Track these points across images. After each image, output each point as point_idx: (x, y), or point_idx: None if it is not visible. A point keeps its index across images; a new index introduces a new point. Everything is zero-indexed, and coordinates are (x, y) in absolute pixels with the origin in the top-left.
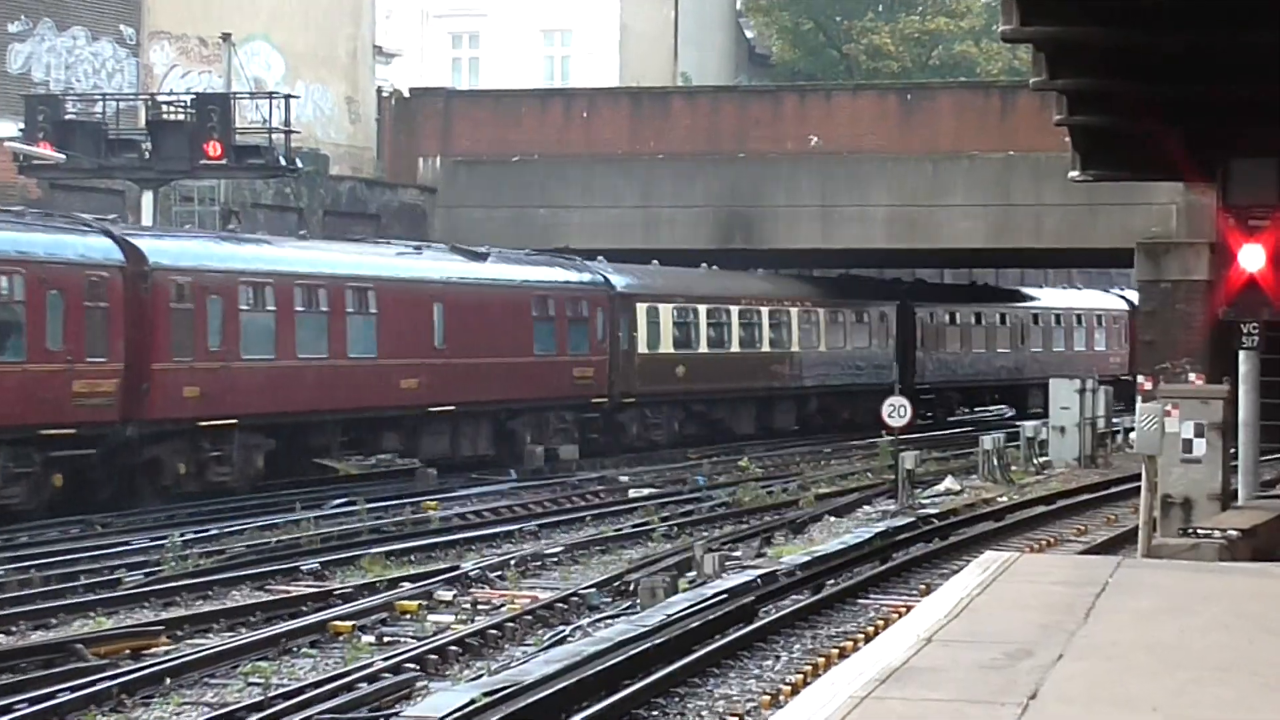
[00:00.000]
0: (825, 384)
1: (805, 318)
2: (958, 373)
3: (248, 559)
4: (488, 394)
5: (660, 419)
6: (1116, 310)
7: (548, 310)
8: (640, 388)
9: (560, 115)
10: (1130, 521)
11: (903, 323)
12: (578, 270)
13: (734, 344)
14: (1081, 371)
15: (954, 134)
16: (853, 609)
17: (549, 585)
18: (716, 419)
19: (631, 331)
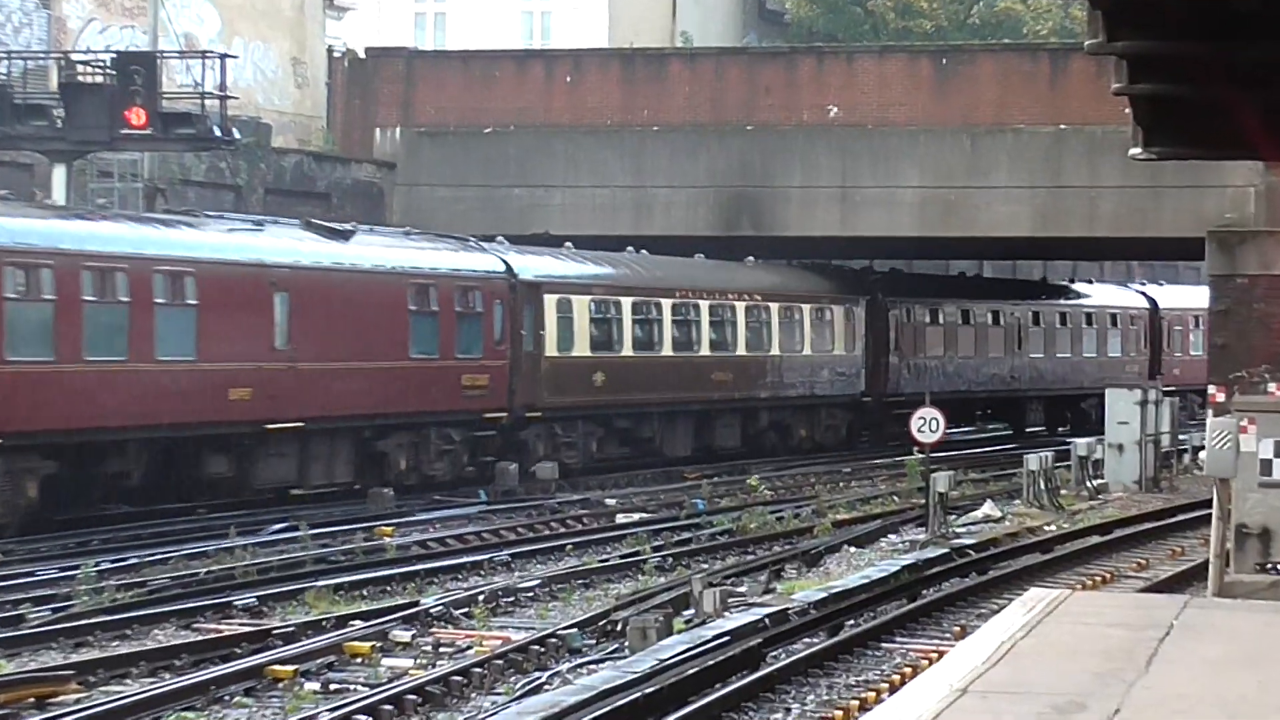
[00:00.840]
0: (779, 395)
1: (754, 314)
2: (939, 382)
3: (173, 593)
4: (347, 407)
5: (573, 438)
6: (1135, 309)
7: (429, 302)
8: (548, 399)
9: (540, 80)
10: (1199, 555)
11: (873, 322)
12: (471, 252)
13: (666, 346)
14: (1089, 382)
15: (996, 104)
16: (875, 654)
17: (523, 624)
18: (644, 438)
19: (538, 329)
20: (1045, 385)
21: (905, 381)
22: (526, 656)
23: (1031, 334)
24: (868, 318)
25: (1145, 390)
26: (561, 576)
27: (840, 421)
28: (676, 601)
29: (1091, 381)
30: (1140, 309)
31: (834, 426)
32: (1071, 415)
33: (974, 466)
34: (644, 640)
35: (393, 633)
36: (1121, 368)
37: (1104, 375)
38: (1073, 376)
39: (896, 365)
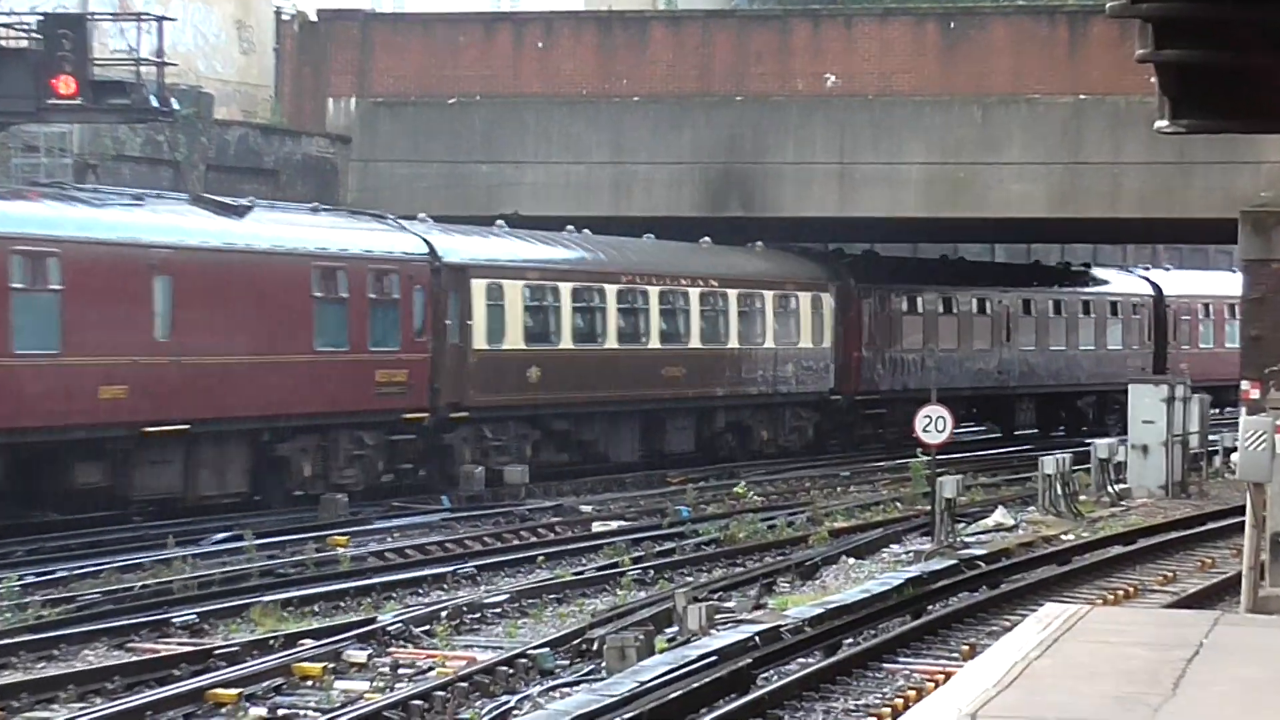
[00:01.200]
0: (738, 393)
1: (710, 302)
2: (918, 379)
3: (104, 609)
4: (240, 407)
5: (504, 441)
6: (1137, 296)
7: (337, 287)
8: (476, 397)
9: (509, 46)
10: (1231, 567)
11: (844, 310)
12: (387, 230)
13: (610, 338)
14: (1085, 377)
15: (1009, 72)
16: (876, 676)
17: (490, 643)
18: (585, 440)
19: (465, 319)
20: (1037, 381)
21: (880, 378)
22: (494, 679)
23: (1022, 324)
24: (837, 306)
25: (1172, 386)
26: (532, 590)
27: (807, 422)
28: (658, 618)
29: (1088, 377)
30: (1143, 296)
31: (800, 428)
32: (1066, 415)
33: (984, 470)
34: (622, 661)
35: (347, 652)
36: (1122, 362)
37: (1102, 370)
38: (1068, 372)
39: (870, 360)
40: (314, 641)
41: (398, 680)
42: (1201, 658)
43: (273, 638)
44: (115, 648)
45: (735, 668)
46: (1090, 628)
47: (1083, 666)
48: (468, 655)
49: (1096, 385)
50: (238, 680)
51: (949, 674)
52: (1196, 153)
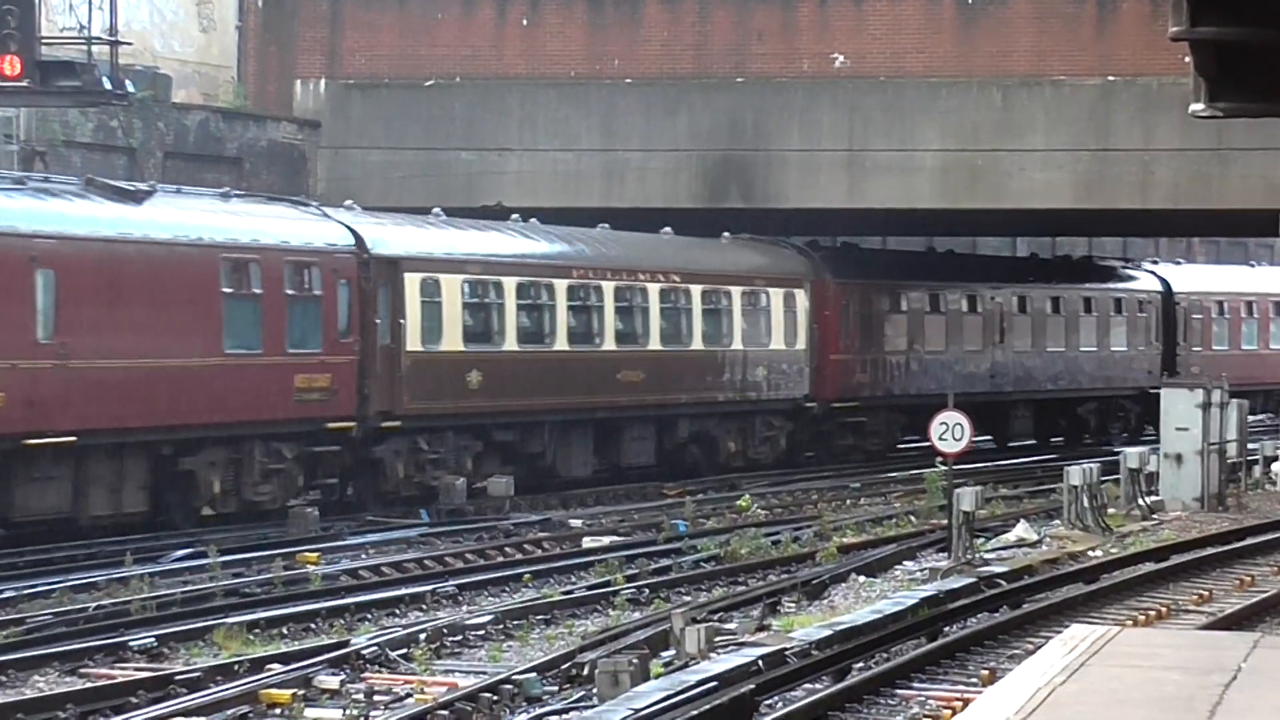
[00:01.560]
0: (702, 400)
1: (672, 299)
2: (902, 383)
3: (56, 631)
4: (138, 416)
5: (442, 453)
6: (1143, 293)
7: (249, 282)
8: (410, 405)
9: (491, 23)
10: (1271, 585)
11: (820, 309)
12: (309, 219)
13: (560, 339)
14: (1086, 382)
15: (1032, 51)
16: (889, 702)
17: (472, 668)
18: (532, 453)
19: (397, 317)
20: (1034, 386)
21: (859, 383)
22: (476, 706)
23: (1016, 323)
24: (813, 304)
25: (1209, 390)
26: (518, 611)
27: (779, 432)
28: (654, 641)
29: (1090, 381)
30: (1150, 293)
31: (771, 438)
32: (1066, 423)
33: (1005, 481)
34: (615, 686)
35: (318, 678)
36: (1127, 364)
37: (1105, 373)
38: (1067, 375)
39: (849, 363)
40: (282, 666)
41: (372, 708)
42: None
43: (238, 662)
44: (68, 673)
45: (737, 694)
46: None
47: (1111, 693)
48: (448, 681)
49: (1099, 390)
50: (200, 708)
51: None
52: (1234, 138)
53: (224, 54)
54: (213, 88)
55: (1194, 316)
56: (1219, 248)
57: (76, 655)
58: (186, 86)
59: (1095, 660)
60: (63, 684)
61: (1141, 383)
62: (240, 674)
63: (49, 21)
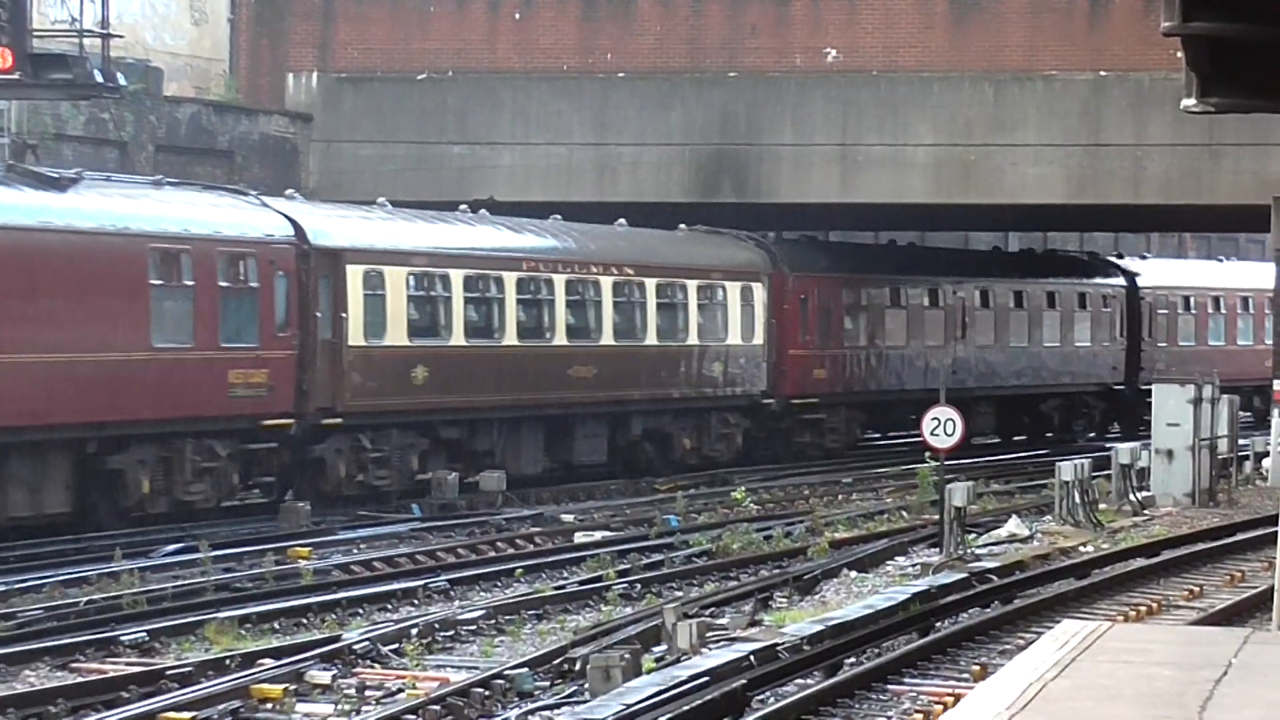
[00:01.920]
0: (657, 396)
1: (625, 293)
2: (861, 379)
3: (47, 626)
4: (59, 413)
5: (385, 451)
6: (1108, 287)
7: (180, 273)
8: (352, 401)
9: (484, 17)
10: (1262, 581)
11: (779, 303)
12: (245, 207)
13: (509, 333)
14: (1050, 378)
15: (1024, 47)
16: (880, 698)
17: (464, 663)
18: (480, 450)
19: (338, 311)
20: (996, 382)
21: (818, 379)
22: (468, 701)
23: (978, 317)
24: (771, 298)
25: (1199, 386)
26: (510, 606)
27: (735, 429)
28: (645, 636)
29: (1053, 377)
30: (1115, 287)
31: (728, 435)
32: (1029, 420)
33: (997, 476)
34: (607, 682)
35: (309, 673)
36: (1091, 360)
37: (1069, 369)
38: (1030, 371)
39: (808, 358)
40: (274, 661)
41: (364, 703)
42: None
43: (229, 657)
44: (58, 668)
45: (728, 689)
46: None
47: (1102, 688)
48: (440, 676)
49: (1063, 386)
50: (191, 703)
51: (958, 696)
52: (1226, 134)
53: (216, 47)
54: (204, 81)
55: (1159, 312)
56: (1210, 243)
57: (67, 650)
58: (178, 79)
59: (1086, 656)
60: (54, 679)
61: (1106, 379)
62: (231, 669)
63: (40, 14)
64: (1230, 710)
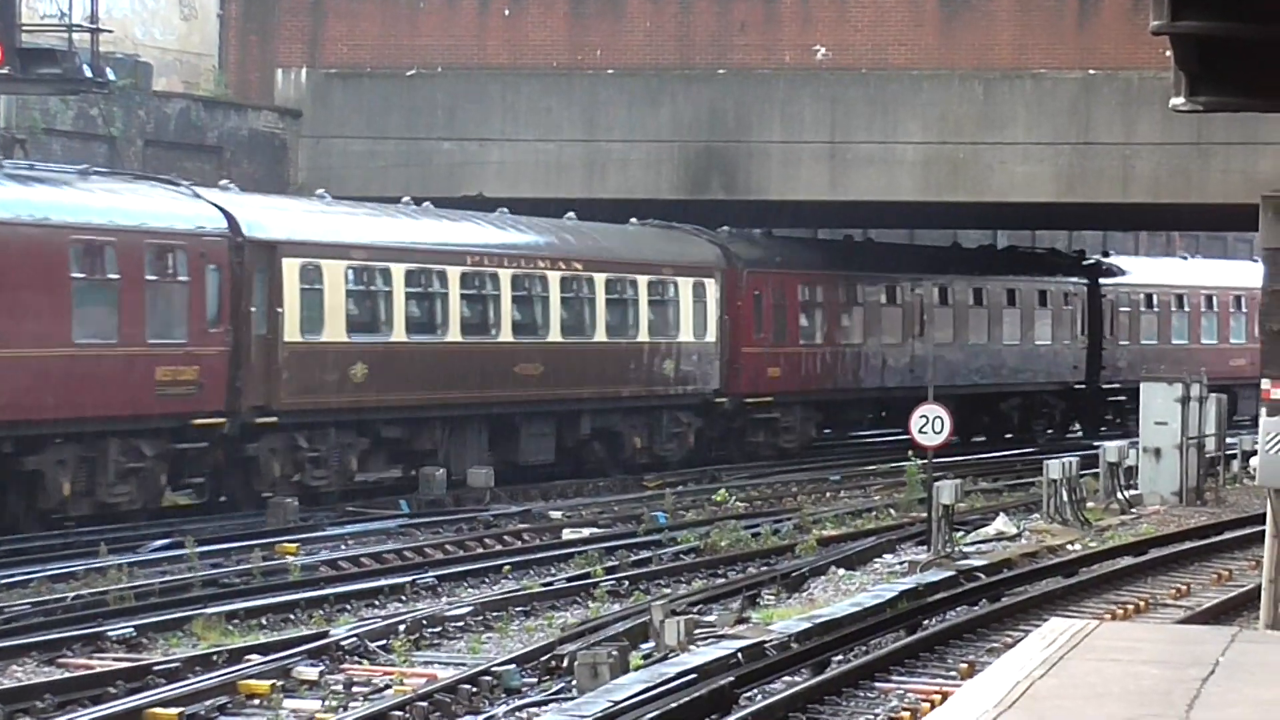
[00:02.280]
0: (607, 394)
1: (573, 288)
2: (818, 377)
3: (34, 621)
4: None
5: (323, 450)
6: (1070, 284)
7: (103, 266)
8: (287, 399)
9: (473, 13)
10: (1249, 580)
11: (732, 300)
12: (176, 198)
13: (453, 329)
14: (1010, 377)
15: (1013, 45)
16: (868, 696)
17: (451, 659)
18: (422, 450)
19: (274, 305)
20: (955, 381)
21: (773, 377)
22: (455, 698)
23: (937, 315)
24: (724, 294)
25: (1187, 384)
26: (497, 602)
27: (687, 428)
28: (633, 633)
29: (1013, 376)
30: (1076, 284)
31: (679, 434)
32: (988, 420)
33: (985, 474)
34: (595, 679)
35: (296, 669)
36: (1051, 359)
37: (1029, 368)
38: (990, 370)
39: (762, 356)
40: (261, 657)
41: (351, 699)
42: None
43: (216, 653)
44: (45, 663)
45: (716, 686)
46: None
47: (1089, 686)
48: (427, 673)
49: (1022, 385)
50: (178, 699)
51: (946, 694)
52: (1215, 133)
53: (205, 42)
54: (194, 76)
55: (1121, 309)
56: (1199, 241)
57: (54, 645)
58: (167, 75)
59: (1074, 654)
60: (41, 674)
61: (1066, 378)
62: (219, 664)
63: (29, 9)
64: (1217, 709)
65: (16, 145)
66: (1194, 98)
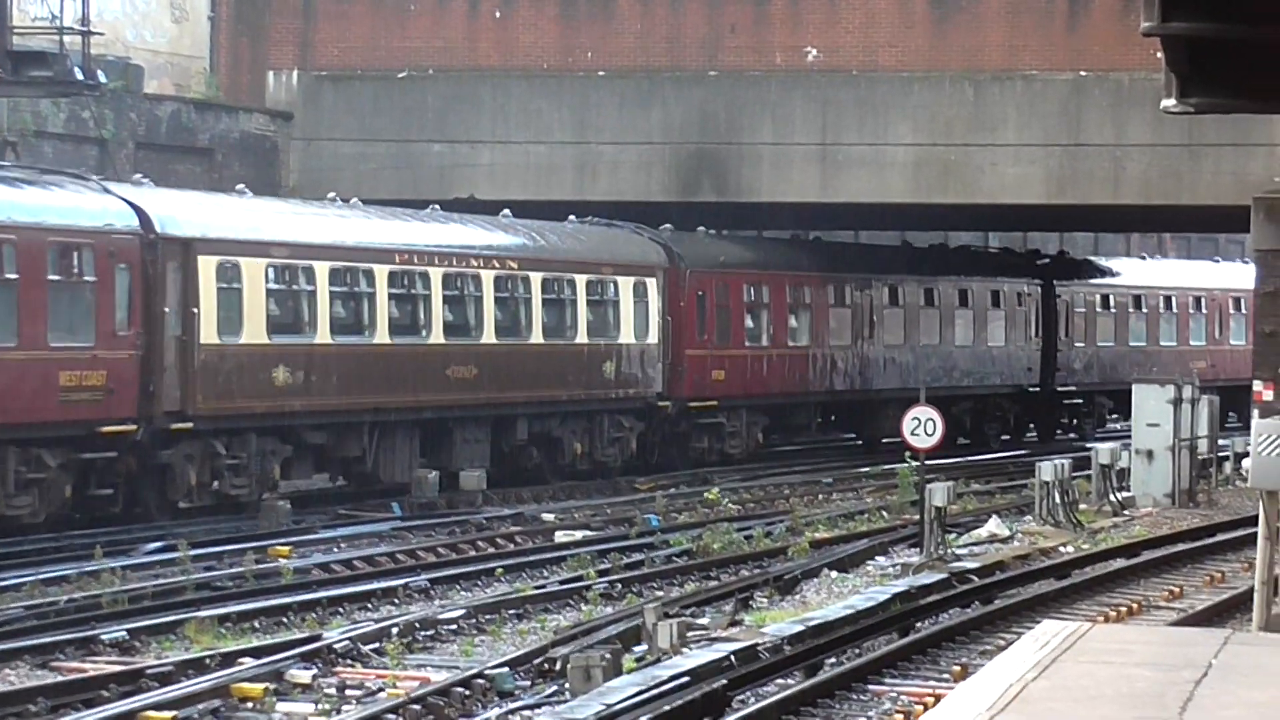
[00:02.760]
0: (543, 398)
1: (508, 288)
2: (763, 381)
3: (27, 624)
4: None
5: (243, 458)
6: (1023, 284)
7: (0, 265)
8: (204, 405)
9: (463, 15)
10: (1242, 582)
11: (674, 300)
12: (85, 194)
13: (381, 330)
14: (961, 379)
15: (1004, 46)
16: (860, 698)
17: (444, 662)
18: (349, 457)
19: (189, 306)
20: (905, 383)
21: (717, 380)
22: (448, 701)
23: (887, 316)
24: (666, 294)
25: (1179, 386)
26: (490, 605)
27: (629, 433)
28: (626, 636)
29: (964, 379)
30: (1030, 284)
31: (621, 439)
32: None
33: (977, 476)
34: (587, 681)
35: (289, 672)
36: (1005, 361)
37: (981, 370)
38: (942, 372)
39: (706, 358)
40: (254, 660)
41: (344, 702)
42: (1210, 679)
43: (209, 656)
44: (38, 667)
45: (709, 689)
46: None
47: (1082, 689)
48: (420, 675)
49: (975, 388)
50: (171, 702)
51: (939, 696)
52: (1206, 134)
53: (196, 45)
54: (185, 78)
55: (1077, 310)
56: (1190, 243)
57: (47, 649)
58: (158, 77)
59: (1066, 656)
60: (33, 678)
61: (1020, 381)
62: (212, 668)
63: (21, 11)
64: (1210, 711)
65: (7, 148)
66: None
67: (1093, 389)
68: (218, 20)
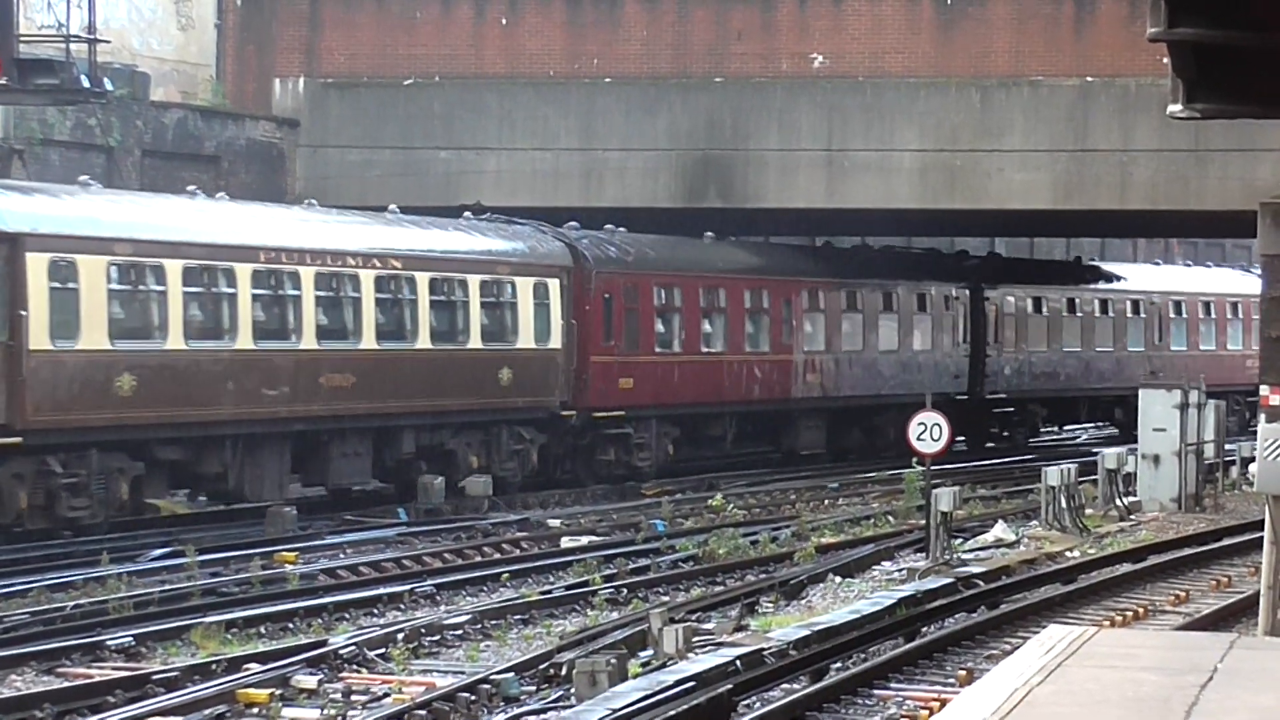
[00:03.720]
0: (432, 408)
1: (391, 288)
2: (672, 390)
3: (33, 630)
4: None
5: (84, 475)
6: (951, 289)
7: None
8: (35, 417)
9: (469, 22)
10: (1248, 586)
11: (580, 303)
12: None
13: (243, 334)
14: (887, 388)
15: (1010, 52)
16: (866, 703)
17: (450, 668)
18: (209, 473)
19: (16, 308)
20: (826, 393)
21: (625, 389)
22: (454, 706)
23: (808, 321)
24: (570, 297)
25: (1186, 391)
26: (496, 611)
27: (530, 445)
28: (632, 641)
29: (888, 387)
30: (958, 288)
31: (521, 452)
32: (861, 433)
33: (983, 481)
34: (593, 686)
35: (295, 678)
36: (932, 368)
37: (906, 378)
38: (865, 381)
39: (612, 366)
40: (260, 666)
41: (350, 708)
42: (1216, 684)
43: (215, 662)
44: (45, 673)
45: (715, 694)
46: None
47: (1088, 693)
48: (426, 681)
49: (899, 396)
50: (177, 708)
51: (944, 701)
52: (1213, 140)
53: (202, 52)
54: (191, 86)
55: (1006, 315)
56: (1197, 249)
57: (54, 654)
58: (165, 85)
59: (1072, 661)
60: (40, 683)
61: (947, 388)
62: (218, 673)
63: (27, 19)
64: (1215, 715)
65: (14, 156)
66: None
67: (1024, 396)
68: (224, 28)
